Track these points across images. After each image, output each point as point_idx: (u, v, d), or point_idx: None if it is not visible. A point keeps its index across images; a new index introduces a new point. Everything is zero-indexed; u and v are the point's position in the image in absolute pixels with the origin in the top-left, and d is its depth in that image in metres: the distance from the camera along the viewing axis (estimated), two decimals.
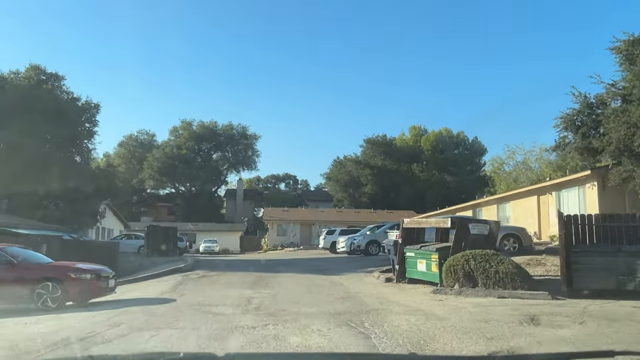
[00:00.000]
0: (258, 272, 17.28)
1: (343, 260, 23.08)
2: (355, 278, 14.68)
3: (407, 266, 13.04)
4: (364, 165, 56.46)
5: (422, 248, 12.64)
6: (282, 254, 37.10)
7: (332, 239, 34.73)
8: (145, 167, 62.00)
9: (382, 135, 57.88)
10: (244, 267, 21.30)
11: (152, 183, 62.43)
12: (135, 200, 68.05)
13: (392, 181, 56.15)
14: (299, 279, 14.72)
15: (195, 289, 12.63)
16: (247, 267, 21.28)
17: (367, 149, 58.14)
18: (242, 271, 17.45)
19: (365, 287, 12.60)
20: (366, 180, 55.90)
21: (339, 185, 58.31)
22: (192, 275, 15.76)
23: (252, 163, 73.01)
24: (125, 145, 66.81)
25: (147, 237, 29.47)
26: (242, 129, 70.68)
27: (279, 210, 51.41)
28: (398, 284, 13.02)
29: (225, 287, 12.92)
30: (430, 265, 12.22)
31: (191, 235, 55.41)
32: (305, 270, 17.86)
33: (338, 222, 45.55)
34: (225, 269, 18.53)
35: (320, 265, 19.83)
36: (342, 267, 18.56)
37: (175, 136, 69.24)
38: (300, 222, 48.12)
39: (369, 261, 20.85)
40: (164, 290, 12.58)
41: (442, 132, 56.96)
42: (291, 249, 42.63)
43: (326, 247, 35.18)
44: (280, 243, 45.94)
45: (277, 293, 11.69)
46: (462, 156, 56.14)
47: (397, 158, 56.65)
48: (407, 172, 57.55)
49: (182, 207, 66.30)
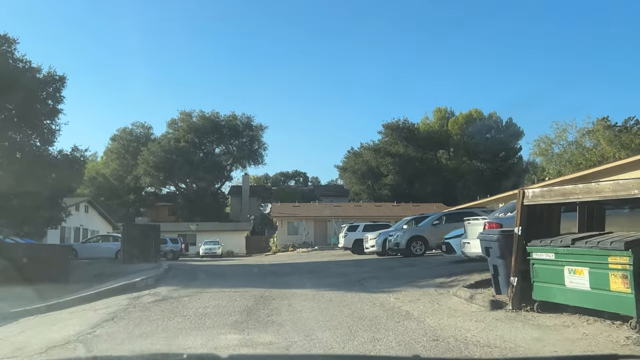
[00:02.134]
0: (259, 286, 11.06)
1: (377, 264, 16.74)
2: (423, 299, 8.35)
3: (538, 279, 6.68)
4: (384, 153, 49.89)
5: (576, 243, 6.29)
6: (294, 256, 30.74)
7: (354, 237, 28.53)
8: (139, 162, 56.03)
9: (403, 119, 51.31)
10: (240, 276, 15.02)
11: (148, 180, 56.37)
12: (133, 199, 62.16)
13: (416, 170, 49.70)
14: (326, 301, 8.44)
15: (125, 335, 6.42)
16: (245, 276, 15.01)
17: (386, 135, 51.54)
18: (234, 285, 11.22)
19: (461, 323, 6.29)
20: (387, 169, 49.37)
21: (355, 176, 51.80)
22: (146, 298, 9.48)
23: (259, 157, 66.99)
24: (119, 140, 60.93)
25: (123, 239, 23.48)
26: (247, 119, 64.67)
27: (289, 206, 45.13)
28: (521, 314, 6.69)
29: (188, 328, 6.69)
30: (603, 279, 5.82)
31: (191, 237, 49.37)
32: (331, 281, 11.57)
33: (357, 218, 39.26)
34: (209, 282, 12.26)
35: (350, 273, 13.52)
36: (384, 276, 12.23)
37: (174, 129, 63.29)
38: (314, 219, 41.81)
39: (420, 266, 14.54)
40: (66, 338, 6.38)
41: (472, 114, 50.16)
42: (304, 250, 36.33)
43: (347, 247, 28.97)
44: (292, 243, 39.69)
45: (291, 345, 5.48)
46: (496, 140, 49.33)
47: (420, 144, 50.09)
48: (433, 160, 51.03)
49: (183, 207, 60.29)
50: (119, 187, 59.40)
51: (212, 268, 18.81)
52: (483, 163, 48.31)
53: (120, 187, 59.55)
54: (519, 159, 50.42)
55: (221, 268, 18.76)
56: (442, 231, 18.37)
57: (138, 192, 61.99)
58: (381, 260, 19.17)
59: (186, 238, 49.83)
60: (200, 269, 17.95)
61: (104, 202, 59.40)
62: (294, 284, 11.46)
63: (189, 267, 19.79)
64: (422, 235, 18.62)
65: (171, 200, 64.09)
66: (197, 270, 16.59)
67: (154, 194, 65.24)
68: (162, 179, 61.27)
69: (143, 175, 55.88)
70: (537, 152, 38.90)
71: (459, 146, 50.04)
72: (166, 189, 65.14)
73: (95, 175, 60.16)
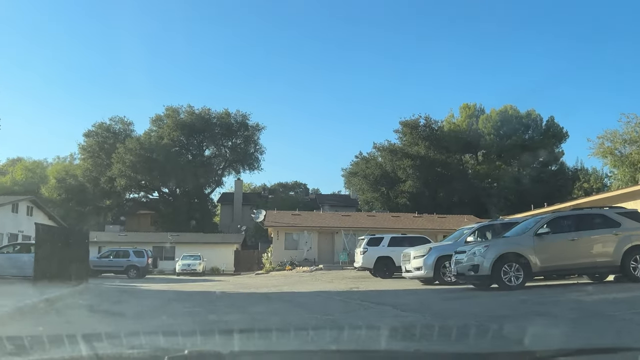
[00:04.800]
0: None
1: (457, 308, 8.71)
2: None
3: None
4: (402, 155, 41.85)
5: None
6: (292, 278, 22.48)
7: (377, 253, 20.63)
8: (114, 161, 47.93)
9: (425, 115, 43.35)
10: (156, 327, 6.81)
11: (124, 182, 48.14)
12: (109, 205, 53.90)
13: (439, 176, 41.68)
14: None
15: None
16: (168, 331, 6.72)
17: (404, 134, 43.51)
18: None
19: None
20: (405, 174, 41.26)
21: (367, 182, 43.65)
22: None
23: (255, 161, 58.81)
24: (93, 136, 52.83)
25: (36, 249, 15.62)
26: (242, 117, 56.54)
27: (288, 214, 37.02)
28: None
29: None
30: None
31: (169, 250, 41.11)
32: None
33: (370, 230, 31.25)
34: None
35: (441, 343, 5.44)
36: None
37: (158, 126, 55.30)
38: (318, 230, 33.64)
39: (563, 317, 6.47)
40: None
41: (507, 110, 42.26)
42: (306, 269, 28.14)
43: (367, 267, 21.03)
44: (290, 259, 31.52)
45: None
46: (535, 142, 41.34)
47: (445, 145, 42.11)
48: (458, 164, 43.06)
49: (164, 215, 52.04)
50: (93, 190, 51.22)
51: (140, 300, 10.77)
52: (522, 169, 40.28)
53: (95, 190, 51.37)
54: (561, 164, 42.49)
55: (151, 301, 10.68)
56: (558, 246, 10.48)
57: (116, 198, 53.77)
58: (442, 293, 11.09)
59: (163, 251, 41.69)
60: (122, 299, 9.90)
61: (73, 208, 51.35)
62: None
63: (114, 293, 11.69)
64: (519, 252, 10.54)
65: (154, 208, 55.92)
66: (102, 303, 8.57)
67: (134, 200, 57.01)
68: (144, 183, 53.20)
69: (118, 176, 47.73)
70: (599, 153, 30.97)
71: (492, 147, 42.05)
72: (148, 194, 56.88)
73: (65, 176, 52.08)
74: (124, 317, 8.00)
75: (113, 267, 28.25)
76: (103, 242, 38.98)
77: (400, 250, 20.68)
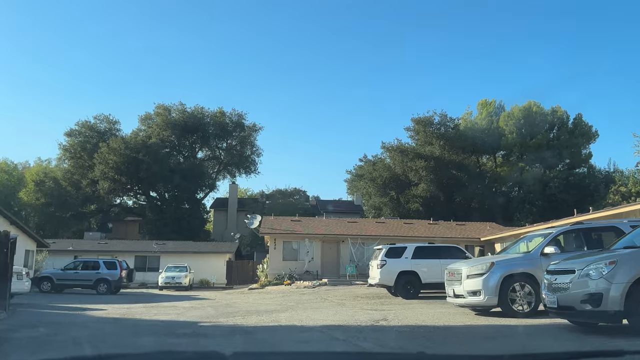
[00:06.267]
0: None
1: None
2: None
3: None
4: (414, 155, 37.64)
5: None
6: (290, 297, 18.05)
7: (399, 267, 16.39)
8: (96, 161, 43.70)
9: (440, 112, 39.12)
10: None
11: (107, 185, 43.79)
12: (93, 210, 49.51)
13: (455, 178, 37.51)
14: None
15: None
16: None
17: (416, 132, 39.33)
18: None
19: None
20: (417, 176, 37.02)
21: (374, 185, 39.38)
22: None
23: (251, 164, 54.76)
24: (76, 135, 48.62)
25: None
26: (238, 116, 52.54)
27: (286, 220, 32.75)
28: None
29: None
30: None
31: (153, 260, 36.81)
32: None
33: (381, 239, 27.16)
34: None
35: None
36: None
37: (147, 125, 51.16)
38: (321, 238, 29.34)
39: None
40: None
41: (531, 107, 38.09)
42: (307, 284, 23.84)
43: (384, 284, 16.81)
44: (289, 272, 27.22)
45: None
46: (562, 142, 37.15)
47: (461, 145, 37.95)
48: (476, 166, 38.91)
49: (151, 221, 47.70)
50: (75, 194, 46.89)
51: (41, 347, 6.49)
52: (547, 171, 36.08)
53: (77, 194, 47.04)
54: (590, 166, 38.36)
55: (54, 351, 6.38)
56: None
57: (100, 203, 49.41)
58: (542, 334, 6.85)
59: (147, 261, 37.38)
60: None
61: (53, 214, 47.05)
62: None
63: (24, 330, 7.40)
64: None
65: (142, 215, 51.58)
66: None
67: (121, 205, 52.66)
68: (130, 186, 48.94)
69: (100, 179, 43.48)
70: None
71: (515, 148, 37.86)
72: (135, 199, 52.50)
73: (44, 179, 47.79)
74: None
75: (79, 281, 24.02)
76: (79, 252, 34.79)
77: (426, 264, 16.52)
